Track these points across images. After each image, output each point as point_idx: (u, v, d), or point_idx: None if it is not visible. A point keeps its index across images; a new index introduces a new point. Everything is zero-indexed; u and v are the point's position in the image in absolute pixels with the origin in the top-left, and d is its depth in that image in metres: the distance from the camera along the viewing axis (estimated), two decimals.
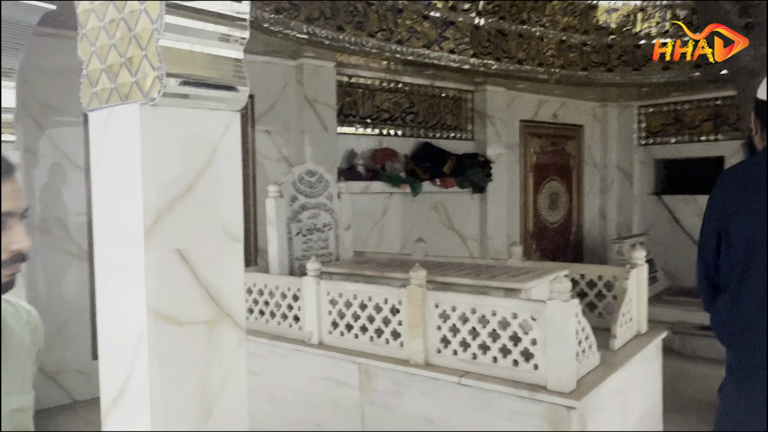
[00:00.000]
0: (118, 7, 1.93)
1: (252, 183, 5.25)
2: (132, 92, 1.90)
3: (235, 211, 2.10)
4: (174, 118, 1.91)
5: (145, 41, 1.84)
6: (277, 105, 5.31)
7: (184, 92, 1.88)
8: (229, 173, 2.07)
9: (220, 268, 2.05)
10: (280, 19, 4.57)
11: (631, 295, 2.97)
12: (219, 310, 2.03)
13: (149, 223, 1.85)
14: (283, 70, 5.32)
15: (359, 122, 5.93)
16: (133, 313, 1.92)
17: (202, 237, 2.00)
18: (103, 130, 2.00)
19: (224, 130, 2.03)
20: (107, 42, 1.99)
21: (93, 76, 2.08)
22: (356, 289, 3.01)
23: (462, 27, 5.99)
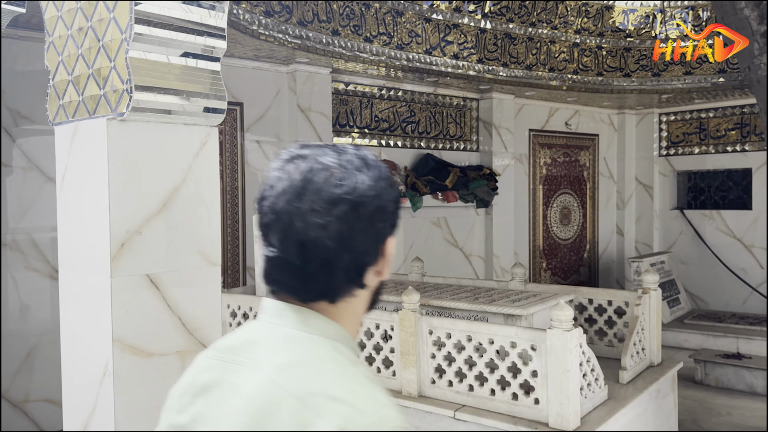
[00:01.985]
0: (86, 15, 1.95)
1: (241, 196, 5.26)
2: (100, 106, 1.91)
3: (213, 232, 2.11)
4: (145, 134, 1.92)
5: (114, 52, 1.86)
6: (268, 113, 5.33)
7: (155, 107, 1.89)
8: (206, 192, 2.08)
9: (195, 294, 2.05)
10: (271, 23, 4.60)
11: (644, 323, 2.95)
12: (192, 339, 2.03)
13: (116, 247, 1.85)
14: (275, 76, 5.35)
15: (357, 132, 5.95)
16: (97, 344, 1.92)
17: (175, 261, 2.00)
18: (70, 145, 2.02)
19: (201, 146, 2.04)
20: (75, 51, 2.01)
21: (60, 87, 2.10)
22: None
23: (466, 30, 6.02)
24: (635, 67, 7.14)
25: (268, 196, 0.88)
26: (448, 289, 3.36)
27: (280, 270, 0.89)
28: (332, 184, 0.86)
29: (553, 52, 6.71)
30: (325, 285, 0.88)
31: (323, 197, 0.86)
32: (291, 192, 0.86)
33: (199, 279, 2.05)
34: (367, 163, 0.91)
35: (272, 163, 0.93)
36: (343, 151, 0.91)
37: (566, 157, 7.87)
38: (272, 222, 0.87)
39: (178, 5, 1.88)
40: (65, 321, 2.05)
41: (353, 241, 0.87)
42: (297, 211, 0.85)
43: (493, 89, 6.64)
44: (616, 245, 8.42)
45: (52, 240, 4.35)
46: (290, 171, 0.88)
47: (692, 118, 8.04)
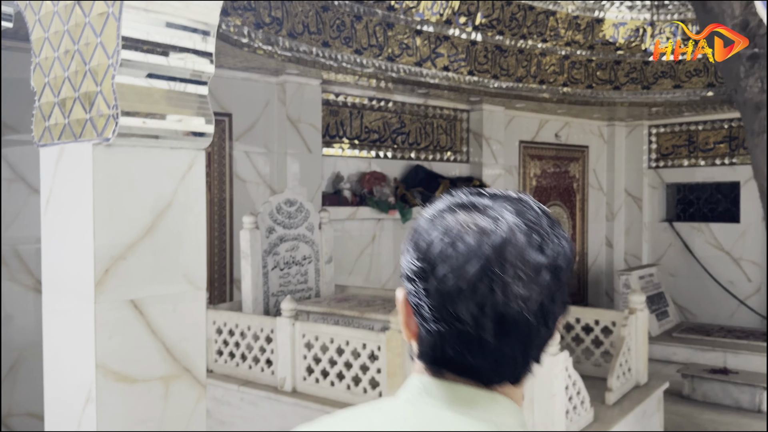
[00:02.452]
0: (73, 38, 1.96)
1: (229, 208, 5.25)
2: (86, 130, 1.91)
3: (199, 256, 2.11)
4: (130, 158, 1.92)
5: (101, 77, 1.86)
6: (257, 124, 5.33)
7: (141, 132, 1.90)
8: (192, 215, 2.08)
9: (180, 319, 2.05)
10: (261, 35, 4.61)
11: (630, 343, 2.97)
12: (176, 364, 2.03)
13: (100, 273, 1.85)
14: (265, 87, 5.35)
15: (346, 143, 5.96)
16: (81, 370, 1.91)
17: (159, 286, 2.00)
18: (55, 168, 2.01)
19: (187, 169, 2.05)
20: (61, 74, 2.01)
21: (46, 108, 2.10)
22: (333, 333, 3.00)
23: (457, 42, 6.05)
24: (625, 80, 7.20)
25: (449, 257, 0.72)
26: None
27: (467, 348, 0.73)
28: (534, 246, 0.73)
29: (544, 65, 6.75)
30: (518, 365, 0.76)
31: (528, 263, 0.72)
32: (488, 255, 0.71)
33: (184, 304, 2.05)
34: (550, 217, 0.78)
35: (430, 210, 0.79)
36: (523, 203, 0.78)
37: (556, 168, 7.92)
38: (460, 291, 0.72)
39: (166, 31, 1.89)
40: (48, 345, 2.04)
41: (551, 314, 0.76)
42: (497, 279, 0.71)
43: (483, 101, 6.67)
44: (605, 257, 8.47)
45: (37, 252, 4.33)
46: (480, 227, 0.73)
47: (681, 131, 8.11)
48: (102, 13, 1.83)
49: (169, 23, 1.88)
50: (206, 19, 1.94)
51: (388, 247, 6.22)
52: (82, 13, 1.91)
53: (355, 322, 3.33)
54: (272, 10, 4.74)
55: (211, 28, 1.98)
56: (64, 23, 1.97)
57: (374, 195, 5.85)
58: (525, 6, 6.40)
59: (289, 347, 3.13)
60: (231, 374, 3.42)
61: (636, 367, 3.05)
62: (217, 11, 1.95)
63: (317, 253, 4.05)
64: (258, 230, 3.66)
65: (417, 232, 0.78)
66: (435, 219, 0.77)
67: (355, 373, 2.92)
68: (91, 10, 1.87)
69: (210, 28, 1.97)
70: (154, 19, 1.85)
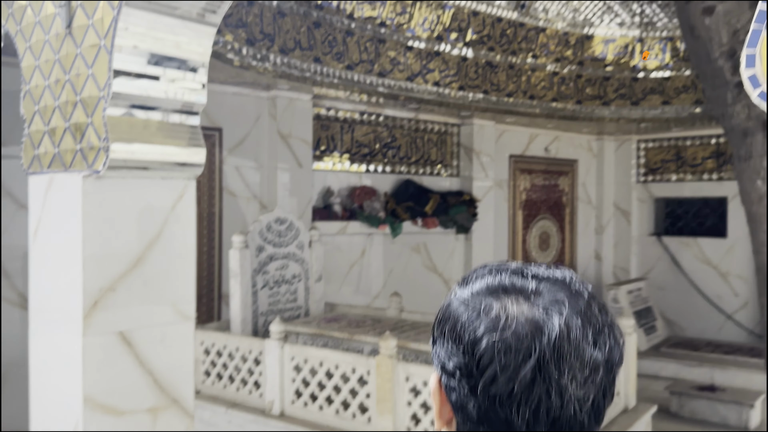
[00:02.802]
0: (64, 68, 1.95)
1: (218, 222, 5.24)
2: (76, 160, 1.91)
3: (188, 285, 2.10)
4: (120, 189, 1.92)
5: (92, 108, 1.86)
6: (247, 139, 5.33)
7: (132, 164, 1.89)
8: (181, 245, 2.08)
9: (168, 350, 2.05)
10: (252, 52, 4.61)
11: None
12: (164, 395, 2.02)
13: (89, 305, 1.84)
14: (256, 102, 5.36)
15: (337, 157, 5.96)
16: (68, 402, 1.90)
17: (148, 316, 1.99)
18: (44, 198, 2.00)
19: (177, 199, 2.04)
20: (52, 103, 2.01)
21: (35, 137, 2.09)
22: (323, 356, 3.00)
23: (448, 58, 6.08)
24: (614, 96, 7.27)
25: (499, 356, 0.66)
26: (426, 329, 3.38)
27: None
28: (590, 341, 0.67)
29: (533, 80, 6.80)
30: None
31: (584, 362, 0.66)
32: (543, 355, 0.65)
33: (173, 333, 2.04)
34: (598, 300, 0.72)
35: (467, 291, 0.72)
36: (571, 286, 0.71)
37: (546, 182, 7.96)
38: (513, 394, 0.65)
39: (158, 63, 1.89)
40: (35, 375, 2.03)
41: (603, 410, 0.70)
42: (554, 382, 0.65)
43: (474, 115, 6.71)
44: (594, 270, 8.51)
45: (23, 268, 4.30)
46: (531, 321, 0.67)
47: (670, 146, 8.18)
48: (93, 45, 1.83)
49: (161, 56, 1.89)
50: (198, 51, 1.95)
51: (378, 261, 6.22)
52: (73, 44, 1.91)
53: (344, 344, 3.33)
54: (264, 27, 4.74)
55: (203, 60, 1.98)
56: (55, 52, 1.97)
57: (364, 210, 5.86)
58: (515, 22, 6.45)
59: (277, 370, 3.12)
60: (218, 396, 3.41)
61: (624, 391, 3.07)
62: (209, 45, 1.96)
63: (307, 271, 4.05)
64: (247, 249, 3.65)
65: (455, 318, 0.70)
66: (476, 305, 0.70)
67: (344, 398, 2.92)
68: (82, 41, 1.87)
69: (202, 60, 1.98)
70: (146, 52, 1.85)
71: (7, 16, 2.17)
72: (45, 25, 2.01)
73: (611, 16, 7.02)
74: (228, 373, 3.38)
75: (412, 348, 3.02)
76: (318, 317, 3.81)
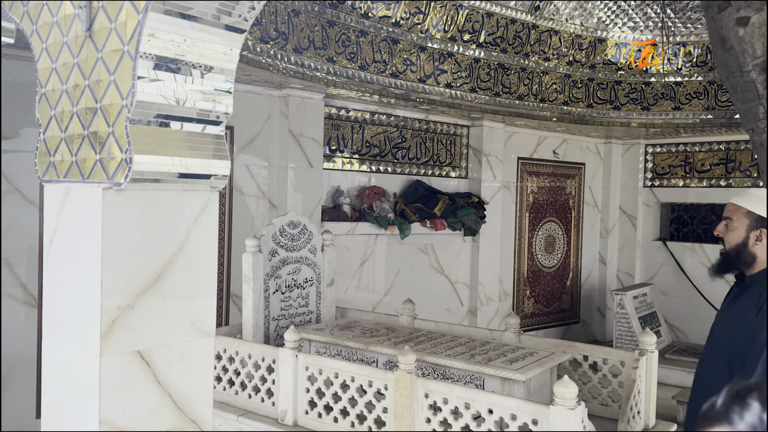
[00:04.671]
0: (83, 72, 1.84)
1: (228, 221, 5.12)
2: (95, 171, 1.80)
3: (209, 301, 2.00)
4: (142, 202, 1.80)
5: (113, 117, 1.74)
6: (258, 138, 5.21)
7: (154, 176, 1.78)
8: (204, 259, 1.97)
9: (187, 369, 1.94)
10: (266, 49, 4.49)
11: (640, 386, 2.89)
12: (183, 417, 1.91)
13: (106, 325, 1.73)
14: (267, 100, 5.23)
15: (347, 157, 5.85)
16: (83, 425, 1.79)
17: (168, 335, 1.89)
18: (60, 208, 1.89)
19: (200, 212, 1.93)
20: (69, 108, 1.89)
21: (51, 143, 1.98)
22: (338, 367, 2.89)
23: (461, 59, 5.96)
24: (625, 100, 7.15)
25: None
26: (441, 339, 3.27)
27: None
28: None
29: (545, 83, 6.68)
30: None
31: None
32: None
33: (193, 352, 1.94)
34: None
35: None
36: None
37: (553, 185, 7.85)
38: None
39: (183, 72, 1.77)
40: (48, 395, 1.92)
41: None
42: None
43: (484, 117, 6.59)
44: (598, 274, 8.42)
45: (29, 265, 4.18)
46: None
47: (678, 151, 8.07)
48: (116, 50, 1.72)
49: (187, 63, 1.77)
50: (225, 59, 1.83)
51: (385, 262, 6.11)
52: (94, 48, 1.79)
53: (359, 353, 3.23)
54: (278, 25, 4.61)
55: (230, 68, 1.86)
56: (74, 56, 1.85)
57: (374, 210, 5.75)
58: (529, 24, 6.32)
59: (291, 379, 3.01)
60: (230, 402, 3.31)
61: (645, 410, 2.97)
62: (237, 52, 1.84)
63: (319, 275, 3.94)
64: (260, 254, 3.54)
65: None
66: None
67: (360, 410, 2.82)
68: (104, 46, 1.75)
69: (229, 67, 1.86)
70: (172, 60, 1.73)
71: (21, 13, 2.05)
72: (63, 26, 1.89)
73: (625, 20, 6.89)
74: (240, 379, 3.28)
75: (429, 361, 2.91)
76: (330, 324, 3.70)
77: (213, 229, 1.96)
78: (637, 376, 2.86)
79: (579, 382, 3.20)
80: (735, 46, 2.97)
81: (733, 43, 2.98)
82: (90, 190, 1.78)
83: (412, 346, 3.10)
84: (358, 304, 5.79)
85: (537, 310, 7.73)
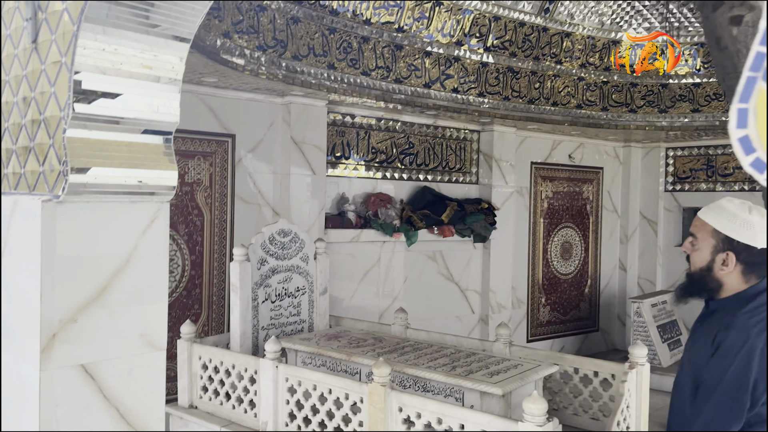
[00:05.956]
0: (30, 84, 1.83)
1: (230, 230, 5.13)
2: (39, 183, 1.79)
3: (159, 314, 1.97)
4: (84, 214, 1.79)
5: (53, 129, 1.73)
6: (260, 146, 5.21)
7: (96, 188, 1.76)
8: (153, 272, 1.94)
9: (136, 383, 1.91)
10: (264, 58, 4.48)
11: (629, 400, 2.77)
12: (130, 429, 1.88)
13: (46, 338, 1.72)
14: (270, 108, 5.23)
15: (352, 164, 5.81)
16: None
17: (114, 348, 1.86)
18: (9, 220, 1.89)
19: (148, 224, 1.91)
20: (19, 121, 1.89)
21: (5, 155, 1.98)
22: (316, 379, 2.85)
23: (467, 64, 5.88)
24: (641, 103, 6.97)
25: None
26: (427, 350, 3.20)
27: None
28: None
29: (557, 87, 6.55)
30: None
31: None
32: None
33: (142, 365, 1.91)
34: None
35: None
36: None
37: (569, 190, 7.68)
38: None
39: (125, 81, 1.76)
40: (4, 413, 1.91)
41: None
42: None
43: (494, 122, 6.48)
44: (618, 281, 8.21)
45: None
46: None
47: (700, 154, 7.84)
48: (56, 62, 1.71)
49: (128, 73, 1.75)
50: (168, 68, 1.81)
51: (393, 270, 6.05)
52: (39, 60, 1.78)
53: (342, 364, 3.18)
54: (276, 33, 4.61)
55: (174, 76, 1.84)
56: (23, 68, 1.85)
57: (379, 217, 5.70)
58: (539, 27, 6.20)
59: (272, 391, 2.98)
60: (214, 413, 3.29)
61: (636, 424, 2.85)
62: (182, 60, 1.82)
63: (311, 284, 3.90)
64: (248, 262, 3.52)
65: None
66: None
67: (337, 423, 2.76)
68: (46, 58, 1.75)
69: (173, 76, 1.84)
70: (110, 70, 1.71)
71: None
72: (15, 39, 1.90)
73: (639, 21, 6.72)
74: (224, 390, 3.25)
75: (408, 373, 2.84)
76: (319, 333, 3.65)
77: (163, 240, 1.94)
78: (626, 390, 2.75)
79: (569, 395, 3.09)
80: (729, 46, 2.84)
81: (728, 43, 2.85)
82: (32, 202, 1.77)
83: (395, 357, 3.04)
84: (364, 312, 5.73)
85: (553, 318, 7.56)
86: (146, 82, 1.79)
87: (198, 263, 4.96)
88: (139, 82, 1.77)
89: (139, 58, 1.74)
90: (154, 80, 1.80)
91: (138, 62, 1.75)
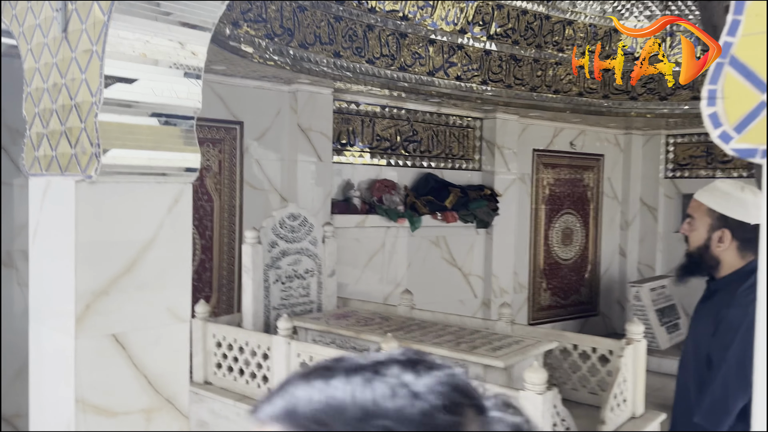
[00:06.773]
0: (61, 71, 1.94)
1: (239, 215, 5.25)
2: (71, 165, 1.90)
3: (183, 288, 2.09)
4: (114, 194, 1.90)
5: (85, 113, 1.84)
6: (268, 133, 5.31)
7: (125, 169, 1.87)
8: (177, 248, 2.06)
9: (162, 352, 2.04)
10: (271, 46, 4.58)
11: (626, 374, 2.90)
12: (159, 397, 2.01)
13: (81, 308, 1.84)
14: (277, 95, 5.33)
15: (358, 151, 5.92)
16: (61, 403, 1.90)
17: (142, 319, 1.98)
18: (42, 200, 2.00)
19: (173, 203, 2.02)
20: (50, 106, 2.00)
21: (36, 138, 2.09)
22: (327, 354, 2.97)
23: (471, 52, 5.96)
24: (642, 90, 7.05)
25: None
26: (432, 328, 3.32)
27: None
28: None
29: (559, 74, 6.63)
30: None
31: None
32: None
33: (167, 336, 2.03)
34: None
35: None
36: None
37: (570, 176, 7.79)
38: None
39: (152, 69, 1.87)
40: (33, 375, 2.05)
41: None
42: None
43: (497, 109, 6.57)
44: (618, 266, 8.33)
45: None
46: None
47: (700, 142, 7.92)
48: (86, 50, 1.82)
49: (154, 60, 1.86)
50: (192, 55, 1.91)
51: (397, 254, 6.17)
52: (69, 48, 1.89)
53: (351, 341, 3.31)
54: (284, 21, 4.70)
55: (197, 63, 1.95)
56: (53, 56, 1.96)
57: (384, 203, 5.81)
58: (541, 15, 6.28)
59: (284, 366, 3.11)
60: (228, 388, 3.42)
61: (632, 398, 2.98)
62: (204, 48, 1.92)
63: (320, 266, 4.02)
64: (260, 245, 3.64)
65: None
66: None
67: None
68: (77, 46, 1.86)
69: (197, 63, 1.95)
70: (138, 57, 1.82)
71: (11, 17, 2.17)
72: (44, 28, 2.00)
73: (640, 9, 6.78)
74: (238, 366, 3.39)
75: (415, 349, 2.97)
76: (328, 314, 3.78)
77: (186, 219, 2.05)
78: (622, 365, 2.87)
79: (568, 371, 3.22)
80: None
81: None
82: (66, 183, 1.88)
83: (402, 335, 3.16)
84: (368, 296, 5.86)
85: (554, 303, 7.69)
86: (171, 69, 1.90)
87: (208, 248, 5.09)
88: (165, 69, 1.88)
89: (166, 47, 1.85)
90: (178, 68, 1.91)
91: (164, 51, 1.85)
